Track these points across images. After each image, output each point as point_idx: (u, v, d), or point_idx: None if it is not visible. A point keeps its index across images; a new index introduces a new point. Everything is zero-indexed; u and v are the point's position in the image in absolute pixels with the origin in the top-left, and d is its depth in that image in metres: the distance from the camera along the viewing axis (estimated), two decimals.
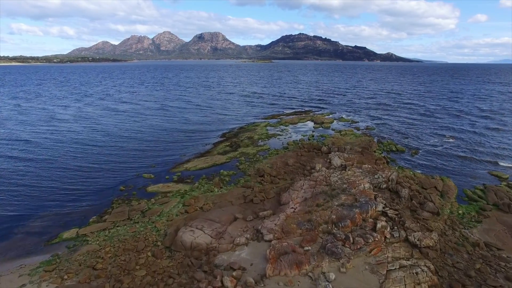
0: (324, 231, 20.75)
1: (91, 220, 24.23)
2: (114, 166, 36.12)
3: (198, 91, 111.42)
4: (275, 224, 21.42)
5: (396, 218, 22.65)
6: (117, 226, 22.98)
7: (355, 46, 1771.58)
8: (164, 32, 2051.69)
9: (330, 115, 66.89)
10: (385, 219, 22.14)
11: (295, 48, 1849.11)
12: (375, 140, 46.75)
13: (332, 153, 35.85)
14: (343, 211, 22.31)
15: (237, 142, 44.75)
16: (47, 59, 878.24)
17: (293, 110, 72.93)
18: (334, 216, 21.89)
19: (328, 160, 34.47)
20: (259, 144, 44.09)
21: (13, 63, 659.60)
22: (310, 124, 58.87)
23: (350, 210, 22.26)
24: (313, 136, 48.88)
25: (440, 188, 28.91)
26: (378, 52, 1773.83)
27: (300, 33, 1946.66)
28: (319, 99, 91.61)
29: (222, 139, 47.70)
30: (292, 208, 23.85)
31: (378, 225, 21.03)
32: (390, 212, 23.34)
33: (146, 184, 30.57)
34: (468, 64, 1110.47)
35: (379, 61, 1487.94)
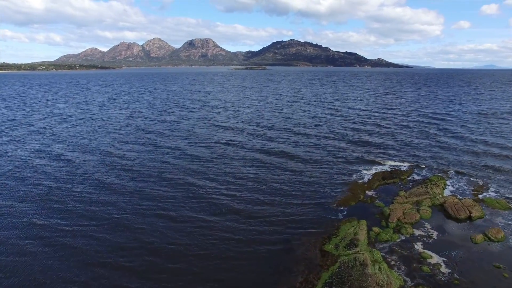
0: None
1: None
2: None
3: (189, 127, 79.47)
4: None
5: None
6: None
7: (346, 52, 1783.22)
8: (154, 38, 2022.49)
9: (450, 186, 36.75)
10: None
11: (286, 54, 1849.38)
12: None
13: None
14: None
15: None
16: (31, 66, 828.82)
17: (370, 171, 42.41)
18: None
19: None
20: None
21: None
22: (441, 217, 28.87)
23: None
24: None
25: None
26: (368, 58, 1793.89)
27: (291, 39, 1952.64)
28: (378, 137, 61.49)
29: None
30: None
31: None
32: None
33: None
34: (459, 70, 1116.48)
35: (369, 66, 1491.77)
